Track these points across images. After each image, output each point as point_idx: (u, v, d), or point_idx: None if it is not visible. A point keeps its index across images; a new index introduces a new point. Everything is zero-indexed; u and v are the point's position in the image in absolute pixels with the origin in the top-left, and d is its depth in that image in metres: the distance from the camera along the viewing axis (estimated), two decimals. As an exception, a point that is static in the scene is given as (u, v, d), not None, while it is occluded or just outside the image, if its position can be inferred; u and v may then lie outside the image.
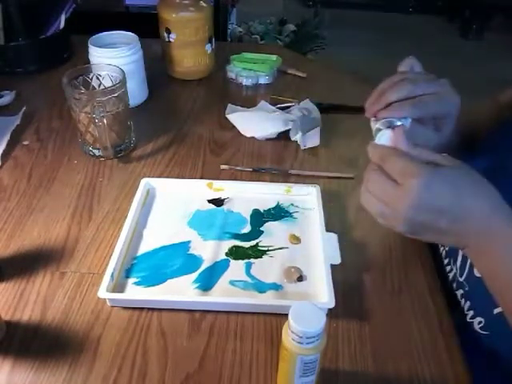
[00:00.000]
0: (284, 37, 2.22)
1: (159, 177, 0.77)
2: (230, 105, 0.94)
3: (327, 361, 0.53)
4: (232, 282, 0.60)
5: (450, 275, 0.63)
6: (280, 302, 0.58)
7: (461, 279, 0.60)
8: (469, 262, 0.58)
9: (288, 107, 0.93)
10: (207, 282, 0.60)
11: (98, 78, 0.81)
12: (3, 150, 0.81)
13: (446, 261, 0.65)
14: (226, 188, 0.73)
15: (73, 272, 0.62)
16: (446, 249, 0.65)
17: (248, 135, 0.86)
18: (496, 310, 0.54)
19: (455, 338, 0.56)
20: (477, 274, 0.56)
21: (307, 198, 0.72)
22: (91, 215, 0.70)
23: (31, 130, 0.87)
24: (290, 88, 1.02)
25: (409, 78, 0.56)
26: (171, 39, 0.97)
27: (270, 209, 0.71)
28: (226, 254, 0.64)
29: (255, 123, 0.86)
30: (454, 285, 0.62)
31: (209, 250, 0.64)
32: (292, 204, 0.72)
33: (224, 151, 0.84)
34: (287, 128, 0.84)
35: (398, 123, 0.54)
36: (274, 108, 0.91)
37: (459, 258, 0.61)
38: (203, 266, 0.62)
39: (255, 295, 0.59)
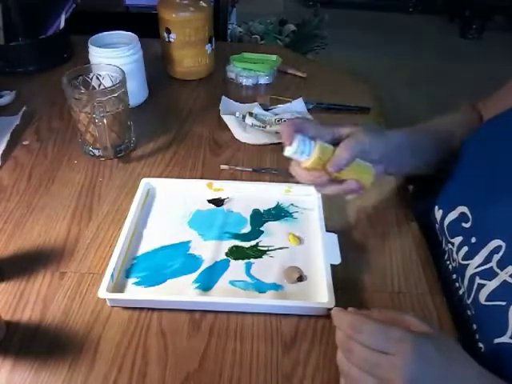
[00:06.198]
0: (284, 37, 2.21)
1: (159, 177, 0.77)
2: (223, 97, 0.94)
3: (327, 361, 0.53)
4: (232, 282, 0.60)
5: (460, 292, 0.61)
6: (280, 302, 0.58)
7: (468, 301, 0.59)
8: (475, 286, 0.57)
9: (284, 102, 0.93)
10: (207, 282, 0.60)
11: (97, 78, 0.81)
12: (3, 150, 0.81)
13: (453, 276, 0.63)
14: (225, 188, 0.73)
15: (73, 272, 0.62)
16: (453, 264, 0.63)
17: (242, 140, 0.85)
18: (497, 340, 0.52)
19: (455, 338, 0.56)
20: (482, 300, 0.55)
21: (307, 198, 0.72)
22: (91, 215, 0.70)
23: (31, 130, 0.87)
24: (290, 88, 1.02)
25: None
26: (171, 39, 0.97)
27: (269, 209, 0.71)
28: (226, 254, 0.64)
29: (248, 132, 0.85)
30: (463, 303, 0.60)
31: (209, 250, 0.64)
32: (292, 204, 0.72)
33: (224, 151, 0.84)
34: (280, 141, 0.84)
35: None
36: (266, 113, 0.90)
37: (466, 281, 0.59)
38: (203, 266, 0.62)
39: (255, 295, 0.59)
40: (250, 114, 0.89)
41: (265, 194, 0.73)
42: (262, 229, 0.68)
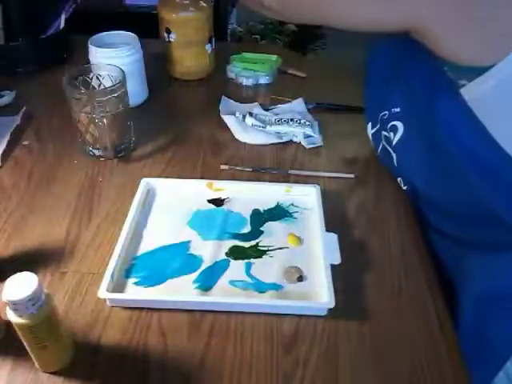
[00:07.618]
0: (284, 37, 2.22)
1: (159, 177, 0.77)
2: (223, 97, 0.94)
3: (327, 361, 0.53)
4: (232, 282, 0.60)
5: None
6: (280, 302, 0.58)
7: None
8: None
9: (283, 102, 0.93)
10: (207, 282, 0.60)
11: (98, 78, 0.81)
12: (3, 149, 0.81)
13: None
14: (226, 188, 0.73)
15: (73, 272, 0.62)
16: None
17: (242, 140, 0.85)
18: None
19: (455, 338, 0.56)
20: None
21: (307, 198, 0.72)
22: (91, 215, 0.70)
23: (31, 130, 0.87)
24: (290, 88, 1.02)
25: None
26: (171, 39, 0.97)
27: (270, 209, 0.71)
28: (226, 254, 0.64)
29: (248, 132, 0.85)
30: None
31: (209, 250, 0.64)
32: (292, 204, 0.72)
33: (224, 151, 0.84)
34: (280, 141, 0.84)
35: None
36: (266, 113, 0.91)
37: None
38: (203, 266, 0.62)
39: (255, 295, 0.59)
40: (250, 114, 0.89)
41: (265, 193, 0.73)
42: (262, 229, 0.68)
